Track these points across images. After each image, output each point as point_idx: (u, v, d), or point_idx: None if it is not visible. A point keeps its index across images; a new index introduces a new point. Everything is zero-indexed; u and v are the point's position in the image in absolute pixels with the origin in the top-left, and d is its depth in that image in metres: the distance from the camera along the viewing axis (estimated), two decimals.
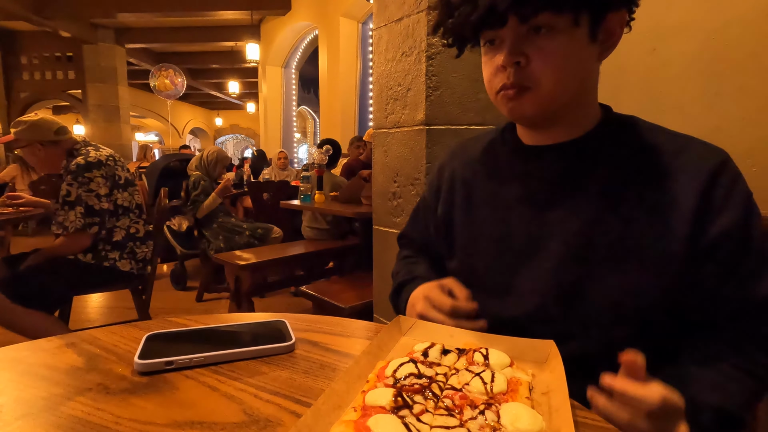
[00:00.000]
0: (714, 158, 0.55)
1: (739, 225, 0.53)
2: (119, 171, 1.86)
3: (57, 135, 1.79)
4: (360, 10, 5.88)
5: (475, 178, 0.72)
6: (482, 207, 0.70)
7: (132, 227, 1.91)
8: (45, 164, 1.83)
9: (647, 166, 0.57)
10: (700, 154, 0.56)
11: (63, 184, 1.72)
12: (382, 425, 0.35)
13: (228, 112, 17.38)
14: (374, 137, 1.65)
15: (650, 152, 0.58)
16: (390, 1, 1.49)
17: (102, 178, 1.76)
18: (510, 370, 0.45)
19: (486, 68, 0.61)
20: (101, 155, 1.80)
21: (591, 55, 0.57)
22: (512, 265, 0.65)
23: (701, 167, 0.55)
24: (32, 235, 5.98)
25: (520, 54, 0.54)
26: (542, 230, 0.62)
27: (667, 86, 1.18)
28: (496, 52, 0.57)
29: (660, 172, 0.56)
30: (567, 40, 0.54)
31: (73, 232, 1.71)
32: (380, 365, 0.45)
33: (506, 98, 0.58)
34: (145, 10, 6.98)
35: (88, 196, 1.73)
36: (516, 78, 0.56)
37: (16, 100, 8.11)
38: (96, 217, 1.75)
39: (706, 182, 0.54)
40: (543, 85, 0.55)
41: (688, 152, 0.56)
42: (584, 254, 0.58)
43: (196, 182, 3.06)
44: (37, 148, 1.78)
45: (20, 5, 6.26)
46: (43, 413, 0.42)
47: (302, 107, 13.56)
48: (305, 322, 0.65)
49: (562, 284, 0.59)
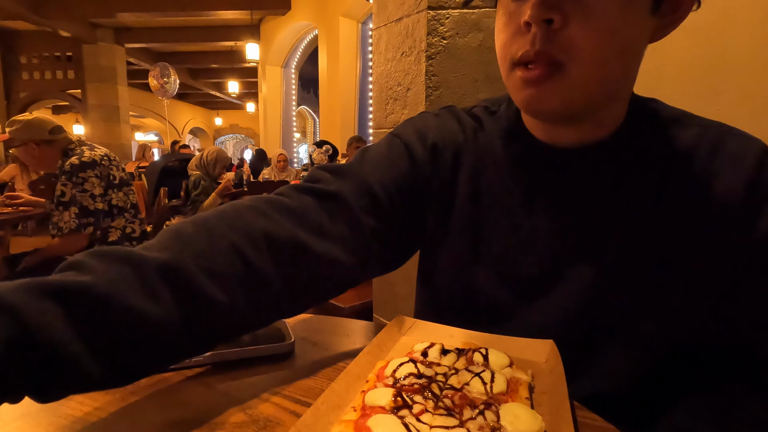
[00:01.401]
0: (753, 150, 0.48)
1: None
2: (114, 171, 1.85)
3: (51, 134, 1.77)
4: (360, 10, 5.88)
5: (480, 177, 0.56)
6: (489, 218, 0.55)
7: (128, 227, 1.90)
8: (40, 163, 1.83)
9: (684, 170, 0.48)
10: (738, 149, 0.48)
11: (57, 184, 1.71)
12: (382, 425, 0.35)
13: (228, 111, 17.39)
14: (374, 137, 1.65)
15: (685, 153, 0.49)
16: (390, 1, 1.49)
17: (96, 177, 1.75)
18: (510, 370, 0.45)
19: (503, 32, 0.45)
20: (95, 155, 1.78)
21: (646, 32, 0.43)
22: (522, 296, 0.53)
23: (742, 162, 0.47)
24: (32, 235, 5.97)
25: (554, 8, 0.39)
26: (565, 255, 0.51)
27: (667, 86, 1.18)
28: (518, 8, 0.42)
29: (699, 175, 0.48)
30: (623, 3, 0.40)
31: (68, 233, 1.70)
32: (380, 365, 0.45)
33: (525, 81, 0.43)
34: (144, 10, 6.98)
35: (83, 197, 1.72)
36: (544, 44, 0.41)
37: (16, 100, 8.11)
38: (91, 217, 1.74)
39: (750, 177, 0.46)
40: (581, 62, 0.41)
41: (724, 148, 0.48)
42: (622, 282, 0.49)
43: (196, 182, 3.06)
44: (32, 148, 1.76)
45: (20, 5, 6.26)
46: (42, 413, 0.42)
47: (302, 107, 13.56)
48: (305, 322, 0.65)
49: (587, 316, 0.50)
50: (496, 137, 0.56)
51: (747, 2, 1.05)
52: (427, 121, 0.60)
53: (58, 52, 8.09)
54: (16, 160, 5.99)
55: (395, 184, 0.54)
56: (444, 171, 0.57)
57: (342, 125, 6.09)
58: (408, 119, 0.63)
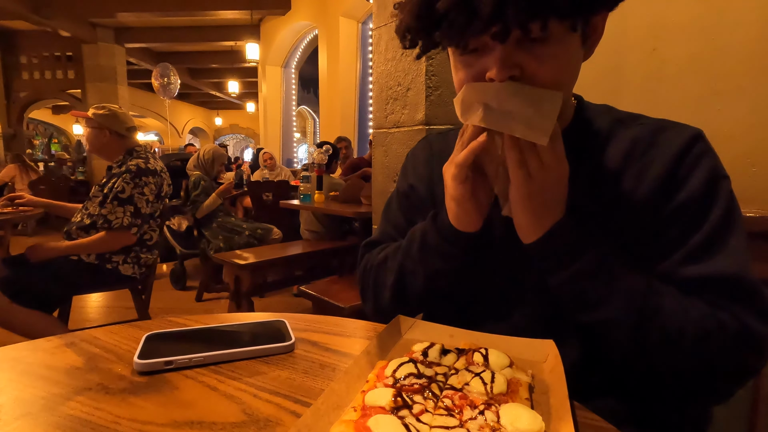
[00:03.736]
0: (686, 134, 0.54)
1: (697, 198, 0.52)
2: (164, 184, 1.99)
3: (127, 132, 1.95)
4: (360, 10, 5.88)
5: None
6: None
7: (147, 233, 1.96)
8: (103, 150, 1.94)
9: (622, 159, 0.56)
10: (673, 134, 0.55)
11: (118, 180, 1.81)
12: (382, 425, 0.35)
13: (228, 111, 17.38)
14: (374, 137, 1.65)
15: (625, 148, 0.57)
16: (390, 1, 1.49)
17: (154, 185, 1.90)
18: (510, 370, 0.45)
19: (461, 76, 0.53)
20: (157, 165, 1.96)
21: (581, 59, 0.53)
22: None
23: (673, 143, 0.54)
24: (32, 235, 5.97)
25: (514, 66, 0.48)
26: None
27: (667, 86, 1.18)
28: (477, 60, 0.50)
29: (634, 162, 0.55)
30: (563, 48, 0.49)
31: (117, 228, 1.78)
32: (380, 365, 0.45)
33: None
34: (144, 10, 6.98)
35: (140, 199, 1.84)
36: None
37: (16, 100, 8.11)
38: (140, 219, 1.85)
39: (675, 155, 0.53)
40: None
41: (659, 138, 0.56)
42: None
43: (196, 182, 3.05)
44: (105, 134, 1.90)
45: (20, 4, 6.26)
46: (42, 413, 0.42)
47: (302, 107, 13.57)
48: (305, 322, 0.65)
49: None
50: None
51: (746, 2, 1.05)
52: (406, 163, 0.78)
53: (58, 52, 8.08)
54: (15, 160, 6.00)
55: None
56: (423, 189, 0.72)
57: (342, 125, 6.09)
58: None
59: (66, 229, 1.89)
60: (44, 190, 5.43)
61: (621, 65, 1.22)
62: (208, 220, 3.07)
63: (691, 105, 1.15)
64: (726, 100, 1.09)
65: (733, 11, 1.07)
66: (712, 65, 1.11)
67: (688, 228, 0.53)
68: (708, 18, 1.10)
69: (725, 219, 0.52)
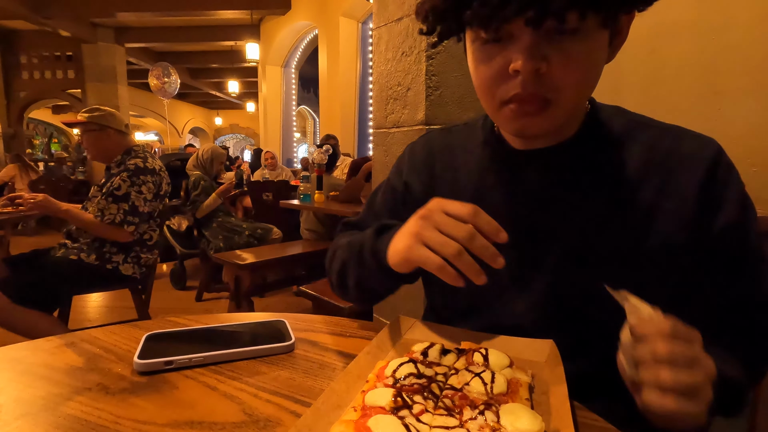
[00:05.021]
0: (711, 149, 0.52)
1: (739, 221, 0.51)
2: (164, 183, 1.99)
3: (126, 129, 1.96)
4: (360, 10, 5.88)
5: (457, 184, 0.65)
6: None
7: (147, 233, 1.97)
8: (104, 151, 1.93)
9: (641, 165, 0.54)
10: (694, 146, 0.53)
11: (116, 177, 1.82)
12: (382, 425, 0.35)
13: (228, 111, 17.38)
14: (374, 137, 1.65)
15: (642, 152, 0.55)
16: (390, 1, 1.49)
17: (152, 184, 1.90)
18: (510, 370, 0.45)
19: (482, 70, 0.50)
20: (156, 164, 1.95)
21: (605, 60, 0.51)
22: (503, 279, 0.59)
23: (696, 156, 0.52)
24: (32, 235, 5.97)
25: (542, 58, 0.45)
26: (535, 242, 0.57)
27: (667, 86, 1.18)
28: (500, 51, 0.47)
29: (655, 170, 0.53)
30: (593, 45, 0.46)
31: (107, 223, 1.78)
32: (380, 365, 0.45)
33: (517, 113, 0.49)
34: (144, 10, 6.97)
35: (137, 197, 1.84)
36: (534, 87, 0.46)
37: (16, 100, 8.11)
38: (137, 217, 1.85)
39: (706, 171, 0.51)
40: (564, 97, 0.47)
41: (680, 148, 0.53)
42: (583, 261, 0.54)
43: (196, 182, 3.05)
44: (107, 135, 1.90)
45: (20, 4, 6.25)
46: (42, 413, 0.42)
47: (302, 107, 13.57)
48: (305, 322, 0.65)
49: (558, 297, 0.56)
50: (475, 146, 0.65)
51: (747, 2, 1.05)
52: (403, 156, 0.75)
53: (58, 52, 8.07)
54: (14, 160, 6.00)
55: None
56: (419, 189, 0.69)
57: (342, 125, 6.09)
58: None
59: (66, 229, 1.89)
60: (44, 190, 5.42)
61: (621, 65, 1.22)
62: (208, 220, 3.07)
63: (691, 105, 1.15)
64: (726, 100, 1.09)
65: (733, 11, 1.07)
66: (712, 65, 1.11)
67: (733, 249, 0.52)
68: (708, 18, 1.10)
69: (759, 237, 0.53)
